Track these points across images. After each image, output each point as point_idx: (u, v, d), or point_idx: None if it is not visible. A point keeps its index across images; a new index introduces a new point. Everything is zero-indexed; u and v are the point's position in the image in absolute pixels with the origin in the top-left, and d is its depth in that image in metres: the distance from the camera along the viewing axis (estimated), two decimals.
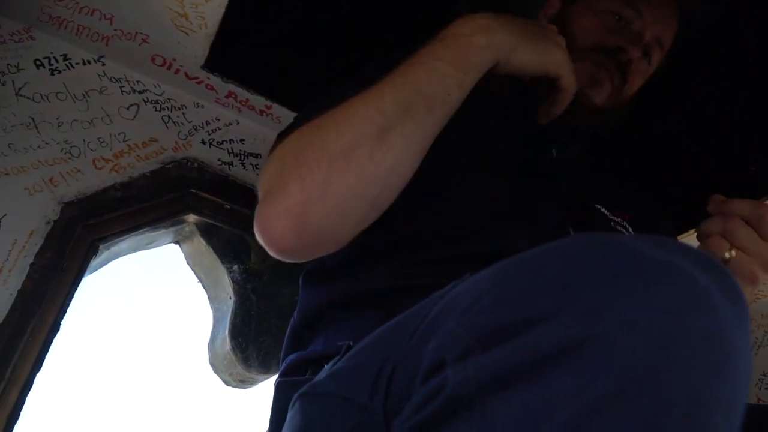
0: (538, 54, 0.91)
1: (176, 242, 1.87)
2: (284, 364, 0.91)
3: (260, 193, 0.85)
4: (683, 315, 0.41)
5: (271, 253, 0.83)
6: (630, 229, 1.05)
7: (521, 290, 0.46)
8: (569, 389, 0.39)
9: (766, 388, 1.82)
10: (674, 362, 0.39)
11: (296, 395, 0.70)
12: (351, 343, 0.73)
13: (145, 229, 1.65)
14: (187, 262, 1.92)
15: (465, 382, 0.43)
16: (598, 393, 0.38)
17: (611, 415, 0.38)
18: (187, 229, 1.81)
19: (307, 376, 0.81)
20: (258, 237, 0.82)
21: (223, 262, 1.84)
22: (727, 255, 0.86)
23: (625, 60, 1.05)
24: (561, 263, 0.46)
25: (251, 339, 1.83)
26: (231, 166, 1.75)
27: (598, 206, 1.04)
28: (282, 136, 0.90)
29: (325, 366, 0.76)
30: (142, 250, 1.80)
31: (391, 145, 0.79)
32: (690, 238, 1.43)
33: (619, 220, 1.04)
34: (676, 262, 0.43)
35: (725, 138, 1.12)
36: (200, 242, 1.82)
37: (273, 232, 0.80)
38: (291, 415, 0.70)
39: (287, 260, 0.85)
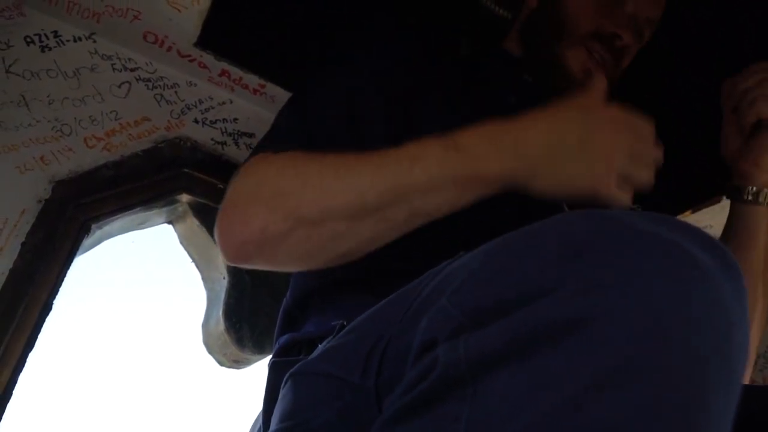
0: (563, 182, 0.75)
1: (169, 222, 1.86)
2: (277, 345, 0.91)
3: (228, 197, 0.85)
4: (682, 294, 0.40)
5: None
6: None
7: (514, 268, 0.45)
8: (565, 367, 0.39)
9: (760, 370, 1.83)
10: (672, 342, 0.39)
11: (288, 375, 0.70)
12: (344, 323, 0.73)
13: (137, 209, 1.64)
14: (181, 243, 1.91)
15: (456, 361, 0.43)
16: (595, 372, 0.38)
17: (608, 394, 0.37)
18: (180, 209, 1.79)
19: (300, 357, 0.81)
20: (217, 242, 0.84)
21: (216, 242, 1.83)
22: None
23: (620, 46, 1.03)
24: (555, 240, 0.45)
25: (245, 319, 1.83)
26: (224, 146, 1.73)
27: None
28: (264, 148, 0.86)
29: (319, 346, 0.75)
30: (134, 230, 1.79)
31: (359, 233, 0.76)
32: (685, 219, 1.43)
33: None
34: (675, 239, 0.42)
35: (717, 117, 1.11)
36: (194, 222, 1.81)
37: (229, 251, 0.84)
38: (283, 394, 0.70)
39: None
